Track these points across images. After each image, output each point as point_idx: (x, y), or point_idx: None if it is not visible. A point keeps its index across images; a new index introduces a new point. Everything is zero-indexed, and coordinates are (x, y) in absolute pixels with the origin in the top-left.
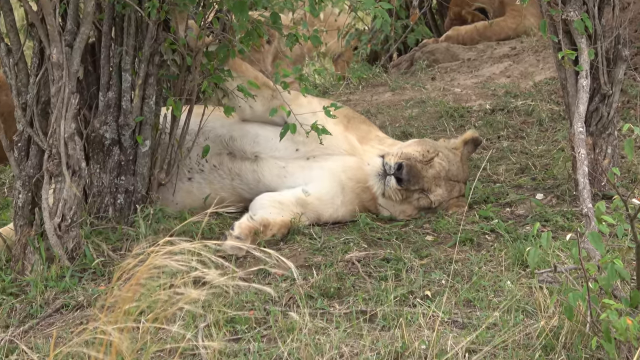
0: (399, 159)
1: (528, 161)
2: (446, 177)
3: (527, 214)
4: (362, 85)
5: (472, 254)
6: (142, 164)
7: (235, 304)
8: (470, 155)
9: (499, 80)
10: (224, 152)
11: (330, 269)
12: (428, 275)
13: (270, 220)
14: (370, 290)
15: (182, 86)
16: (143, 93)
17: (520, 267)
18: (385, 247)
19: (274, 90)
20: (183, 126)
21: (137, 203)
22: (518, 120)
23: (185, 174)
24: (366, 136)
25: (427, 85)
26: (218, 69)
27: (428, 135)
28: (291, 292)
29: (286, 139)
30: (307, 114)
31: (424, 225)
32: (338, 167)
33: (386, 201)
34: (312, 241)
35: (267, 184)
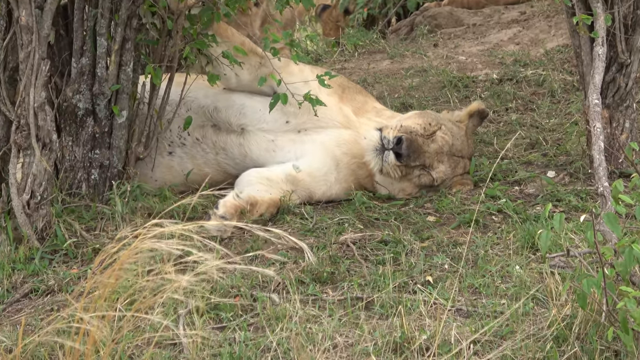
0: (398, 133)
1: (539, 136)
2: (449, 153)
3: (538, 193)
4: (358, 53)
5: (478, 236)
6: (118, 136)
7: (219, 290)
8: (475, 128)
9: (507, 47)
10: (207, 124)
11: (323, 251)
12: (429, 259)
13: (257, 199)
14: (367, 275)
15: (162, 52)
16: (120, 59)
17: (530, 251)
18: (383, 228)
19: (263, 57)
20: (163, 96)
21: (112, 179)
22: (528, 91)
23: (165, 147)
24: (362, 107)
25: (428, 52)
26: (201, 34)
27: (430, 107)
28: (280, 276)
29: (276, 110)
30: (299, 83)
31: (425, 205)
32: (332, 141)
33: (384, 178)
34: (304, 221)
35: (255, 159)
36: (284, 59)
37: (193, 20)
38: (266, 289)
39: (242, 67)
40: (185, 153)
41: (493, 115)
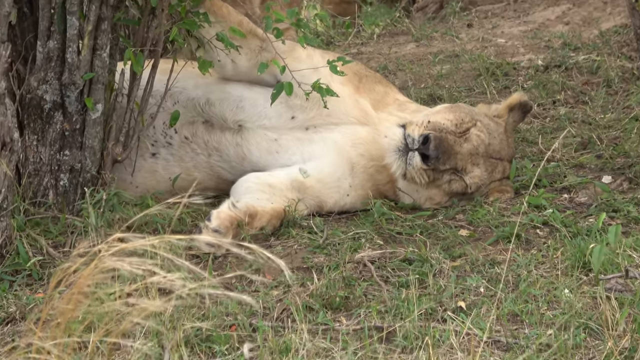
0: (424, 130)
1: (592, 133)
2: (486, 154)
3: (591, 202)
4: (378, 35)
5: (519, 253)
6: (92, 134)
7: (212, 317)
8: (517, 125)
9: (554, 28)
10: (198, 120)
11: (336, 272)
12: (462, 281)
13: (257, 209)
14: (387, 300)
15: (145, 34)
16: (94, 43)
17: (582, 272)
18: (407, 244)
19: (264, 40)
20: (145, 86)
21: (85, 185)
22: (579, 81)
23: (148, 148)
24: (383, 100)
25: (461, 34)
26: (191, 12)
27: (462, 99)
28: (285, 302)
29: (279, 103)
30: (307, 70)
31: (457, 217)
32: (346, 141)
33: (408, 184)
34: (313, 236)
35: (254, 162)
36: (289, 41)
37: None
38: (267, 317)
39: (240, 52)
40: (172, 154)
41: (538, 109)
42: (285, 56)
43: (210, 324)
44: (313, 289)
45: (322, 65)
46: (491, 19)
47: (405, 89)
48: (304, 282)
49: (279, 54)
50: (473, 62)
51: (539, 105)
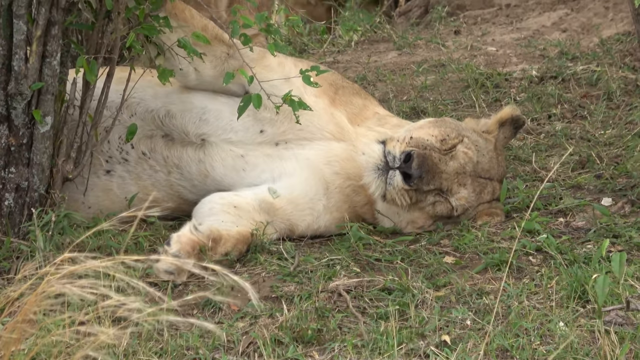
0: (407, 147)
1: (591, 151)
2: (474, 173)
3: (589, 226)
4: (356, 42)
5: (510, 282)
6: (40, 150)
7: (171, 352)
8: (508, 142)
9: (550, 35)
10: (157, 134)
11: (308, 302)
12: (446, 313)
13: (222, 233)
14: (365, 333)
15: (99, 40)
16: (43, 49)
17: (579, 303)
18: (386, 272)
19: (231, 47)
20: (100, 97)
21: (32, 206)
22: (577, 93)
23: (102, 164)
24: (361, 113)
25: (448, 41)
26: (150, 16)
27: (448, 112)
28: (251, 334)
29: (247, 116)
30: (278, 80)
31: (442, 242)
32: (320, 158)
33: (388, 206)
34: (283, 262)
35: (219, 180)
36: (259, 49)
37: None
38: (232, 351)
39: (204, 60)
40: (128, 172)
41: (531, 124)
42: (254, 65)
43: (169, 358)
44: (282, 320)
45: (295, 75)
46: (481, 25)
47: (386, 102)
48: (272, 313)
49: (247, 62)
50: (460, 72)
51: (533, 120)
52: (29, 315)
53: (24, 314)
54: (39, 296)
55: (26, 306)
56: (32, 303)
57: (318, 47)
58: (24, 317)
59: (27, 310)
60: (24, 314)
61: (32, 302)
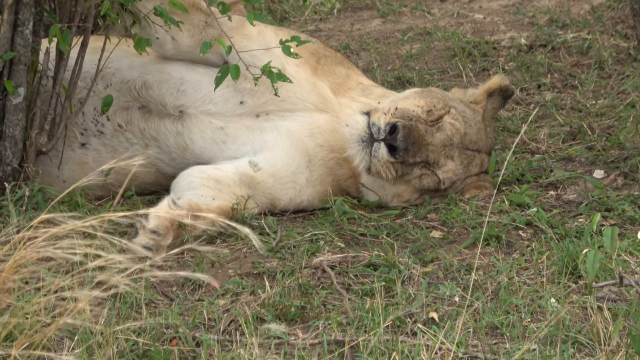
0: (392, 118)
1: (582, 122)
2: (461, 145)
3: (581, 199)
4: (338, 10)
5: (500, 258)
6: (13, 122)
7: (150, 330)
8: (497, 112)
9: (539, 2)
10: (133, 106)
11: (291, 278)
12: (434, 289)
13: (201, 207)
14: (350, 311)
15: (73, 8)
16: (15, 18)
17: (570, 278)
18: (372, 247)
19: (208, 15)
20: (74, 67)
21: (5, 180)
22: (568, 62)
23: (77, 137)
24: (344, 83)
25: (433, 8)
26: None
27: (435, 82)
28: (232, 312)
29: (226, 87)
30: (257, 50)
31: (429, 216)
32: (302, 130)
33: (373, 180)
34: (264, 238)
35: (198, 153)
36: (237, 17)
37: None
38: (213, 330)
39: (181, 28)
40: (104, 145)
41: (520, 94)
42: (232, 34)
43: (148, 337)
44: (265, 297)
45: (275, 44)
46: None
47: (370, 71)
48: (254, 290)
49: (225, 31)
50: (447, 40)
51: (522, 90)
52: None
53: (2, 282)
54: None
55: (3, 273)
56: (9, 270)
57: (299, 15)
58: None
59: (4, 279)
60: (2, 282)
61: (8, 270)
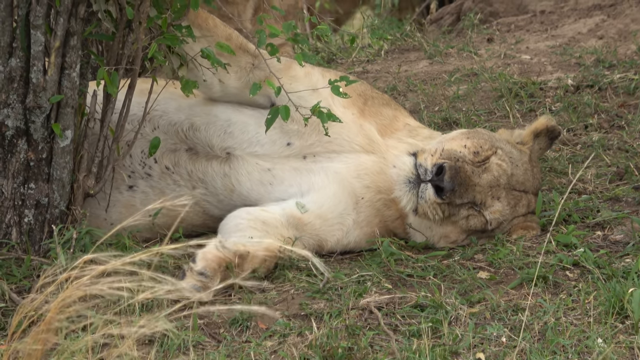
0: (438, 159)
1: (629, 162)
2: (508, 186)
3: (628, 240)
4: (386, 51)
5: (547, 298)
6: (60, 165)
7: None
8: (543, 153)
9: (586, 42)
10: (181, 148)
11: (338, 320)
12: (481, 330)
13: (249, 249)
14: (397, 351)
15: (120, 50)
16: (62, 60)
17: (617, 319)
18: (419, 288)
19: (256, 57)
20: (121, 109)
21: (53, 222)
22: (614, 102)
23: (124, 180)
24: (391, 125)
25: (480, 49)
26: (173, 25)
27: (481, 123)
28: (280, 353)
29: (273, 129)
30: (305, 91)
31: (476, 257)
32: (350, 171)
33: (420, 221)
34: (311, 279)
35: (245, 195)
36: (285, 59)
37: (162, 7)
38: None
39: (229, 71)
40: (151, 187)
41: (567, 134)
42: (280, 75)
43: None
44: (312, 338)
45: (323, 85)
46: (514, 33)
47: (417, 113)
48: (301, 331)
49: (274, 73)
50: (494, 81)
51: (569, 131)
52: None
53: (47, 322)
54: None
55: (50, 313)
56: (55, 309)
57: (346, 57)
58: (47, 325)
59: (50, 319)
60: (47, 322)
61: (54, 309)
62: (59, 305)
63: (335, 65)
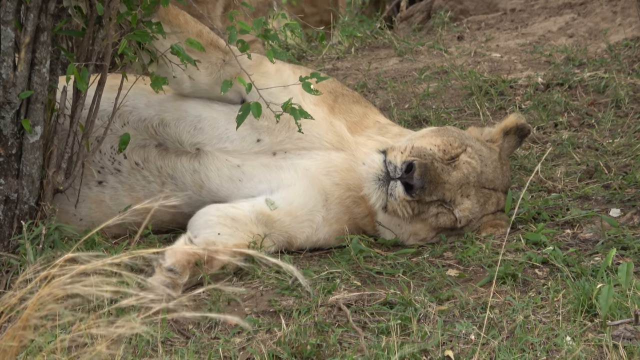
0: (408, 156)
1: (599, 160)
2: (477, 184)
3: (597, 238)
4: (356, 48)
5: (515, 296)
6: (30, 160)
7: None
8: (513, 151)
9: (556, 40)
10: (150, 144)
11: (307, 317)
12: (450, 327)
13: (218, 246)
14: (365, 349)
15: (90, 46)
16: (32, 56)
17: (586, 317)
18: (388, 285)
19: (227, 53)
20: (91, 105)
21: (22, 218)
22: (584, 101)
23: (94, 175)
24: (361, 122)
25: (450, 47)
26: (143, 22)
27: (451, 121)
28: (248, 350)
29: (243, 125)
30: (275, 88)
31: (445, 254)
32: (319, 168)
33: (389, 218)
34: (281, 276)
35: (215, 191)
36: (255, 55)
37: (132, 4)
38: None
39: (199, 67)
40: (121, 183)
41: (537, 132)
42: (251, 72)
43: None
44: (281, 335)
45: (293, 82)
46: (485, 31)
47: (387, 110)
48: (270, 328)
49: (244, 69)
50: (464, 79)
51: (539, 129)
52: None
53: (25, 319)
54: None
55: (27, 310)
56: (32, 306)
57: (317, 54)
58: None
59: (28, 316)
60: (25, 319)
61: (32, 306)
62: (37, 302)
63: (305, 62)
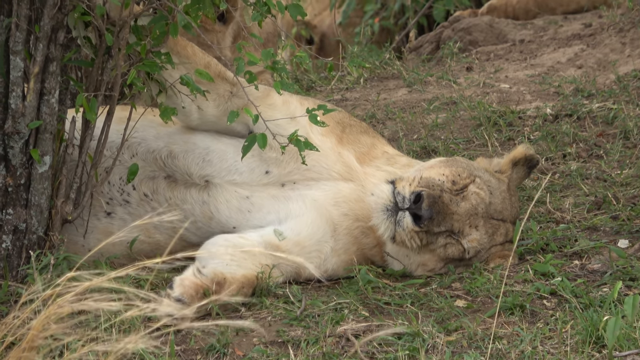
0: (417, 187)
1: (607, 191)
2: (486, 214)
3: (605, 269)
4: (365, 79)
5: (523, 327)
6: (38, 190)
7: None
8: (521, 182)
9: (565, 71)
10: (159, 175)
11: (315, 347)
12: (458, 358)
13: (226, 276)
14: None
15: (99, 77)
16: (41, 86)
17: (594, 348)
18: (396, 316)
19: (235, 85)
20: (100, 136)
21: (31, 248)
22: (593, 132)
23: (102, 206)
24: (369, 153)
25: (459, 78)
26: (152, 52)
27: (460, 152)
28: None
29: (252, 157)
30: (283, 119)
31: (453, 285)
32: (327, 199)
33: (398, 249)
34: (289, 307)
35: (223, 222)
36: (263, 86)
37: (141, 34)
38: None
39: (207, 98)
40: (130, 214)
41: (545, 163)
42: (258, 103)
43: None
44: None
45: (301, 113)
46: (493, 62)
47: (396, 141)
48: (279, 359)
49: (252, 100)
50: (472, 110)
51: (547, 160)
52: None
53: (30, 340)
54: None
55: (32, 331)
56: (37, 327)
57: (325, 84)
58: (30, 344)
59: (33, 337)
60: (30, 340)
61: (37, 327)
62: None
63: (314, 93)
